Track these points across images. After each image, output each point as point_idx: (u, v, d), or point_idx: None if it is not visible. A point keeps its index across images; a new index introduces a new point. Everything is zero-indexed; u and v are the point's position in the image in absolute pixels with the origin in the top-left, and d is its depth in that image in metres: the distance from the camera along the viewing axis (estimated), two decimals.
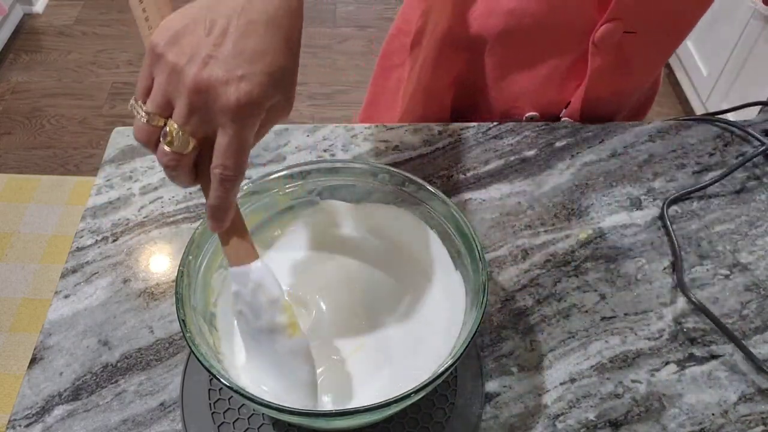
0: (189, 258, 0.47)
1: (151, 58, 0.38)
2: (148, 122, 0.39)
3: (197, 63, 0.37)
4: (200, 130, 0.39)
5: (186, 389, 0.54)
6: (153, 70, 0.38)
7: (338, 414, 0.41)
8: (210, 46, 0.37)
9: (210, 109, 0.38)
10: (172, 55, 0.37)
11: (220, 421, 0.52)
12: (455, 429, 0.52)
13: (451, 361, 0.43)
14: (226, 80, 0.37)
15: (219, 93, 0.37)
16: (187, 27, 0.38)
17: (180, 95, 0.38)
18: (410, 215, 0.55)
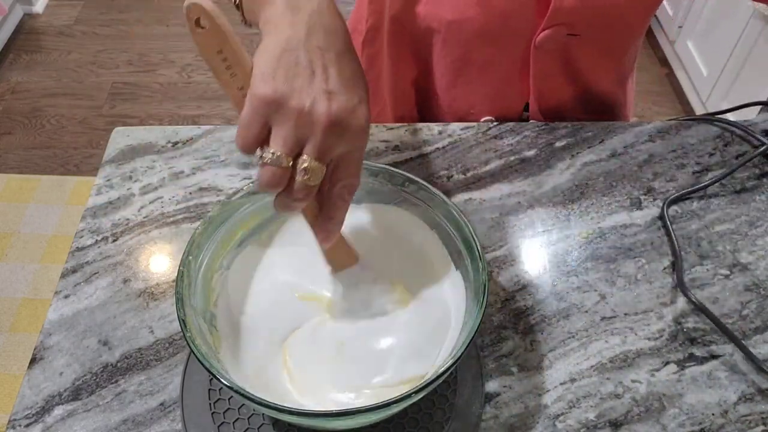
0: (189, 258, 0.48)
1: (268, 107, 0.40)
2: (279, 164, 0.40)
3: (323, 101, 0.40)
4: (330, 158, 0.42)
5: (186, 389, 0.54)
6: (273, 117, 0.40)
7: (338, 414, 0.41)
8: (322, 83, 0.40)
9: (343, 137, 0.41)
10: (294, 101, 0.39)
11: (220, 421, 0.52)
12: (455, 429, 0.52)
13: (451, 361, 0.43)
14: (353, 108, 0.41)
15: (350, 121, 0.41)
16: (290, 71, 0.40)
17: (315, 133, 0.40)
18: (410, 215, 0.55)
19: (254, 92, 0.40)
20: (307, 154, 0.40)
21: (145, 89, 2.24)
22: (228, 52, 0.41)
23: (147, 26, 2.51)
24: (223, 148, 0.73)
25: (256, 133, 0.40)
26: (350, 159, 0.43)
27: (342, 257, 0.50)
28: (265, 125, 0.40)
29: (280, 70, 0.40)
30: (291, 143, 0.40)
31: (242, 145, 0.41)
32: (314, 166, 0.40)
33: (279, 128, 0.40)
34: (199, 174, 0.71)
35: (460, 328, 0.48)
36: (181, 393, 0.54)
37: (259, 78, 0.40)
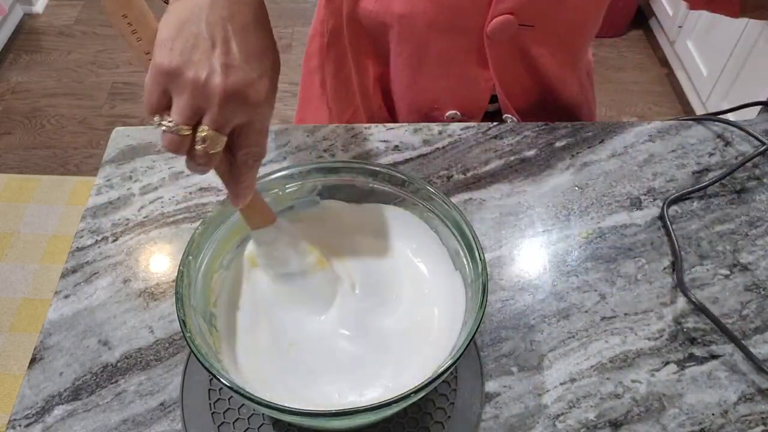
0: (189, 258, 0.48)
1: (165, 77, 0.41)
2: (178, 133, 0.41)
3: (219, 74, 0.41)
4: (230, 128, 0.43)
5: (186, 389, 0.54)
6: (170, 87, 0.41)
7: (338, 414, 0.41)
8: (221, 56, 0.41)
9: (240, 109, 0.42)
10: (190, 72, 0.40)
11: (220, 421, 0.52)
12: (455, 429, 0.52)
13: (451, 361, 0.43)
14: (250, 82, 0.42)
15: (247, 94, 0.42)
16: (188, 41, 0.41)
17: (211, 105, 0.41)
18: (410, 215, 0.55)
19: (153, 61, 0.41)
20: (205, 123, 0.41)
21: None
22: (132, 16, 0.42)
23: None
24: None
25: (156, 99, 0.41)
26: (251, 128, 0.43)
27: (257, 217, 0.50)
28: (164, 93, 0.41)
29: (179, 40, 0.41)
30: (188, 114, 0.41)
31: (146, 109, 0.42)
32: (211, 135, 0.41)
33: (177, 98, 0.41)
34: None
35: (460, 327, 0.48)
36: (181, 393, 0.54)
37: (158, 47, 0.41)
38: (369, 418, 0.46)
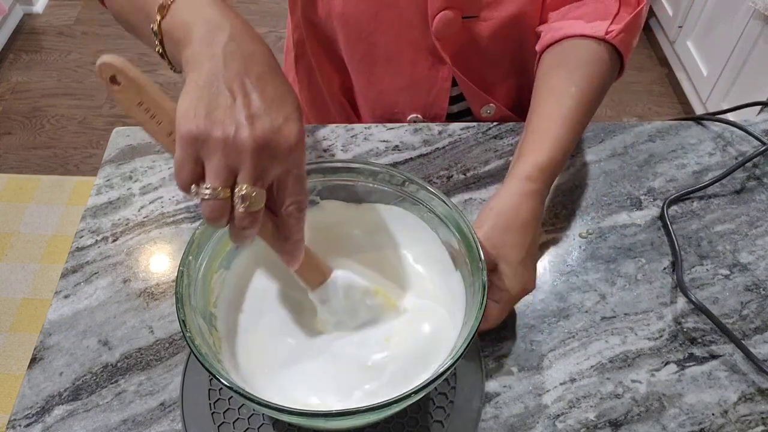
0: (189, 258, 0.48)
1: (194, 143, 0.40)
2: (217, 197, 0.40)
3: (246, 127, 0.40)
4: (268, 181, 0.42)
5: (186, 389, 0.54)
6: (201, 153, 0.40)
7: (338, 414, 0.41)
8: (243, 108, 0.40)
9: (274, 158, 0.41)
10: (218, 132, 0.40)
11: (220, 421, 0.52)
12: (455, 427, 0.52)
13: (452, 360, 0.43)
14: (278, 128, 0.41)
15: (278, 141, 0.41)
16: (210, 103, 0.40)
17: (244, 159, 0.40)
18: (410, 215, 0.55)
19: (179, 132, 0.40)
20: (241, 182, 0.40)
21: None
22: (148, 102, 0.42)
23: None
24: None
25: (189, 172, 0.40)
26: (289, 178, 0.42)
27: (315, 274, 0.50)
28: (196, 163, 0.40)
29: (200, 104, 0.40)
30: (223, 174, 0.40)
31: (181, 187, 0.41)
32: (251, 191, 0.40)
33: (209, 162, 0.40)
34: None
35: (460, 327, 0.48)
36: (181, 393, 0.54)
37: (181, 118, 0.40)
38: (369, 418, 0.46)
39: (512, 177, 0.58)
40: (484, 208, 0.57)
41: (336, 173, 0.55)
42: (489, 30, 0.72)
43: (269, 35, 2.42)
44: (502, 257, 0.53)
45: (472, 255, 0.49)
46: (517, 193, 0.56)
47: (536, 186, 0.57)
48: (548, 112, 0.61)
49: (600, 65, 0.63)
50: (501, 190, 0.57)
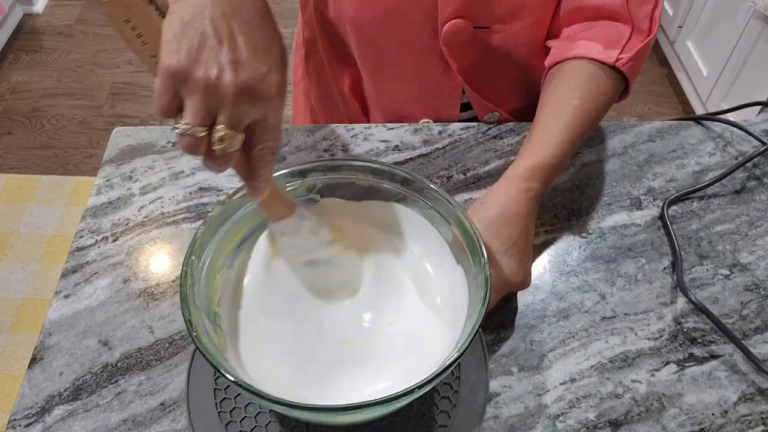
0: (192, 258, 0.48)
1: (174, 78, 0.40)
2: (193, 135, 0.41)
3: (229, 72, 0.40)
4: (244, 125, 0.42)
5: (191, 389, 0.54)
6: (181, 88, 0.40)
7: (347, 408, 0.41)
8: (229, 53, 0.40)
9: (253, 105, 0.42)
10: (200, 72, 0.40)
11: (228, 420, 0.52)
12: (461, 417, 0.53)
13: (458, 354, 0.43)
14: (260, 77, 0.41)
15: (259, 90, 0.41)
16: (194, 40, 0.40)
17: (225, 104, 0.40)
18: (411, 212, 0.55)
19: (162, 63, 0.40)
20: (220, 123, 0.41)
21: (145, 89, 2.24)
22: (136, 20, 0.41)
23: None
24: None
25: (166, 102, 0.41)
26: (265, 124, 0.43)
27: (278, 208, 0.51)
28: (175, 95, 0.41)
29: (185, 40, 0.40)
30: (202, 114, 0.40)
31: (157, 113, 0.41)
32: (229, 134, 0.41)
33: (189, 99, 0.40)
34: (199, 174, 0.71)
35: (464, 321, 0.48)
36: (186, 392, 0.54)
37: (165, 49, 0.40)
38: (377, 412, 0.46)
39: (504, 177, 0.59)
40: (474, 203, 0.59)
41: (336, 171, 0.55)
42: (499, 41, 0.72)
43: None
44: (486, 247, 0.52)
45: (474, 250, 0.49)
46: (508, 190, 0.58)
47: (527, 184, 0.58)
48: (548, 120, 0.62)
49: (605, 86, 0.65)
50: (493, 188, 0.59)
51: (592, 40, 0.66)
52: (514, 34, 0.72)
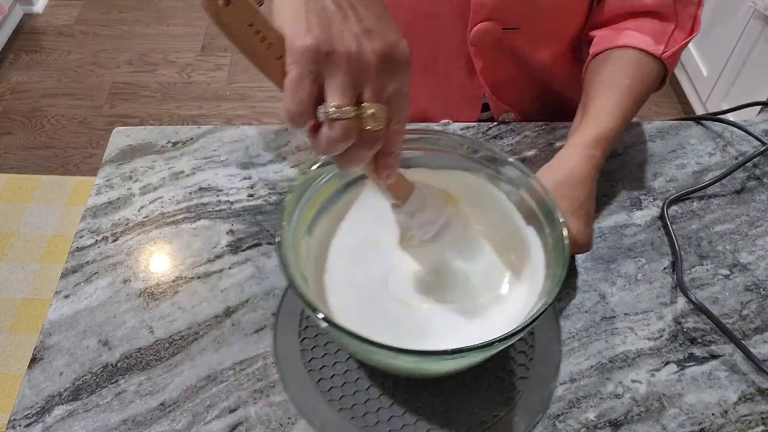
0: (283, 224, 0.49)
1: (314, 58, 0.37)
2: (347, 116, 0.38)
3: (366, 41, 0.38)
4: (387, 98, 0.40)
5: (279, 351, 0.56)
6: (322, 68, 0.37)
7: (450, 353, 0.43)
8: (357, 23, 0.38)
9: (393, 74, 0.39)
10: (340, 47, 0.37)
11: (318, 378, 0.55)
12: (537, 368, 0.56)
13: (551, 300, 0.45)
14: (394, 42, 0.39)
15: (396, 55, 0.39)
16: (322, 16, 0.38)
17: (369, 76, 0.38)
18: (478, 179, 0.58)
19: (295, 48, 0.37)
20: (367, 99, 0.38)
21: (145, 89, 2.24)
22: (259, 22, 0.38)
23: (147, 26, 2.51)
24: (223, 148, 0.73)
25: (308, 91, 0.37)
26: (401, 93, 0.41)
27: (403, 187, 0.50)
28: (316, 80, 0.37)
29: (312, 18, 0.37)
30: (350, 91, 0.38)
31: (297, 110, 0.38)
32: (378, 109, 0.38)
33: (333, 78, 0.37)
34: (199, 174, 0.71)
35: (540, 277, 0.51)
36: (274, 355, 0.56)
37: (295, 33, 0.37)
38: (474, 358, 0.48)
39: (569, 145, 0.62)
40: (541, 169, 0.61)
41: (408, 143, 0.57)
42: (525, 43, 0.74)
43: None
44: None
45: (546, 210, 0.52)
46: (574, 157, 0.60)
47: (591, 152, 0.60)
48: (602, 97, 0.65)
49: (651, 72, 0.68)
50: (558, 155, 0.61)
51: (639, 31, 0.68)
52: (541, 36, 0.73)
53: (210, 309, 0.60)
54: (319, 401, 0.53)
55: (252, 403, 0.54)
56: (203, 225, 0.66)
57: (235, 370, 0.56)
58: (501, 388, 0.55)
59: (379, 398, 0.54)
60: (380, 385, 0.54)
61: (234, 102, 2.19)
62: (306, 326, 0.58)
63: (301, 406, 0.53)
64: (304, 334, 0.57)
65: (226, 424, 0.53)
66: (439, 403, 0.54)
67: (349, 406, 0.53)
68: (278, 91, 0.42)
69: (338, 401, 0.53)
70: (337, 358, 0.56)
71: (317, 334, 0.57)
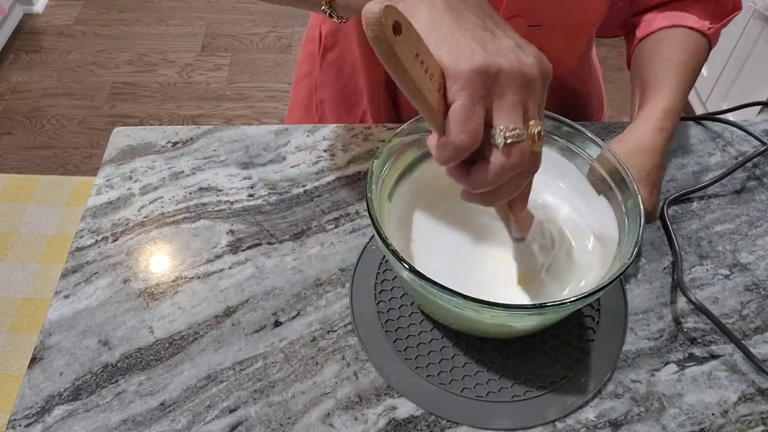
0: (372, 186, 0.51)
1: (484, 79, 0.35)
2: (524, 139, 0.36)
3: (522, 55, 0.36)
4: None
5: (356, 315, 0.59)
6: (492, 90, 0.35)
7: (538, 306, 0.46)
8: (507, 39, 0.37)
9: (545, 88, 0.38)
10: (505, 63, 0.35)
11: (394, 338, 0.57)
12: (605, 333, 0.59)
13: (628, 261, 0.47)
14: (541, 56, 0.37)
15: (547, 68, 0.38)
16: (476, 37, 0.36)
17: (533, 93, 0.37)
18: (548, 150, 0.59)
19: (463, 72, 0.34)
20: (531, 116, 0.36)
21: (145, 89, 2.24)
22: (424, 52, 0.35)
23: (147, 26, 2.51)
24: (223, 148, 0.73)
25: (480, 117, 0.35)
26: (542, 108, 0.39)
27: (529, 219, 0.51)
28: (484, 105, 0.35)
29: (468, 40, 0.35)
30: (521, 110, 0.36)
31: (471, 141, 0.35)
32: (542, 126, 0.37)
33: (504, 98, 0.35)
34: (199, 174, 0.71)
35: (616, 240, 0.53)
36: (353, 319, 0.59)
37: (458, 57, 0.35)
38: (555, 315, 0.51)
39: (638, 119, 0.62)
40: (610, 140, 0.62)
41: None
42: (547, 38, 0.73)
43: (269, 35, 2.42)
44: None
45: (618, 178, 0.54)
46: (641, 129, 0.61)
47: (662, 124, 0.61)
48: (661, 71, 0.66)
49: (701, 48, 0.71)
50: (626, 130, 0.62)
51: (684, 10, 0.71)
52: (561, 32, 0.74)
53: (210, 309, 0.60)
54: (396, 360, 0.56)
55: (252, 403, 0.54)
56: (203, 225, 0.66)
57: (235, 370, 0.56)
58: (569, 350, 0.57)
59: (452, 359, 0.56)
60: (454, 346, 0.57)
61: (234, 102, 2.19)
62: (381, 290, 0.61)
63: (380, 367, 0.55)
64: (380, 297, 0.60)
65: (226, 424, 0.53)
66: (510, 363, 0.56)
67: (424, 365, 0.56)
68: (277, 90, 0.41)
69: (414, 360, 0.56)
70: (412, 320, 0.59)
71: (392, 297, 0.60)
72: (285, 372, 0.55)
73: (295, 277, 0.62)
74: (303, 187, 0.69)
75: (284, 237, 0.65)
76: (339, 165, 0.72)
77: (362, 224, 0.66)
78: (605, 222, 0.57)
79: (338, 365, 0.56)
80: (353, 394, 0.54)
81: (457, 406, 0.53)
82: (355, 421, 0.53)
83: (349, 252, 0.64)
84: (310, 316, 0.59)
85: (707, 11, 0.70)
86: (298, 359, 0.56)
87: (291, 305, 0.60)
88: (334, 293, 0.61)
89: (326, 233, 0.65)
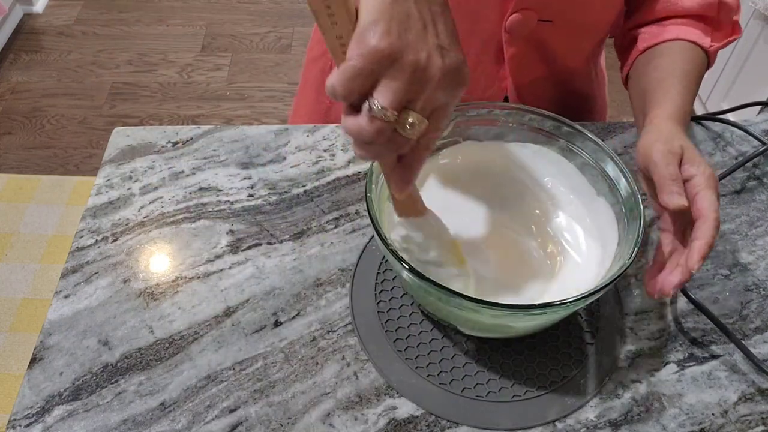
0: (372, 186, 0.52)
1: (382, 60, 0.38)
2: (387, 119, 0.39)
3: (437, 56, 0.39)
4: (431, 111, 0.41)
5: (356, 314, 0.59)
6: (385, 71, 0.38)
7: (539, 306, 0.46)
8: (433, 37, 0.39)
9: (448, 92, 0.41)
10: (410, 57, 0.38)
11: (394, 338, 0.58)
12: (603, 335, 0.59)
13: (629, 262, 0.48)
14: (461, 63, 0.41)
15: (458, 76, 0.41)
16: (402, 23, 0.39)
17: (426, 89, 0.39)
18: (549, 151, 0.60)
19: (367, 44, 0.38)
20: (415, 108, 0.39)
21: (145, 89, 2.24)
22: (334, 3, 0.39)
23: (147, 26, 2.51)
24: (222, 148, 0.73)
25: (361, 83, 0.38)
26: (445, 111, 0.42)
27: (411, 206, 0.51)
28: (372, 76, 0.38)
29: (393, 23, 0.38)
30: (400, 98, 0.39)
31: (341, 94, 0.39)
32: (418, 120, 0.39)
33: (390, 82, 0.38)
34: (199, 174, 0.71)
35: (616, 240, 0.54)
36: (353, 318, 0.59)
37: (372, 30, 0.38)
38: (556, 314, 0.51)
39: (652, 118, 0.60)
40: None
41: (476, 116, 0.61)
42: (557, 35, 0.74)
43: (269, 35, 2.42)
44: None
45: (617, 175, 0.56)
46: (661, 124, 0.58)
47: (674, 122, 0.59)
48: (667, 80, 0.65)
49: (703, 62, 0.69)
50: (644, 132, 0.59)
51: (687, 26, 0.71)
52: (572, 30, 0.74)
53: (210, 309, 0.60)
54: (396, 360, 0.56)
55: (252, 403, 0.54)
56: (203, 225, 0.66)
57: (235, 370, 0.56)
58: (569, 350, 0.57)
59: (452, 359, 0.56)
60: (454, 346, 0.57)
61: (234, 102, 2.19)
62: (381, 290, 0.61)
63: (380, 367, 0.56)
64: (380, 297, 0.60)
65: (226, 424, 0.53)
66: (510, 363, 0.56)
67: (424, 365, 0.56)
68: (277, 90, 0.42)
69: (414, 360, 0.56)
70: (412, 320, 0.59)
71: (392, 297, 0.60)
72: (285, 372, 0.55)
73: (295, 277, 0.62)
74: (303, 187, 0.69)
75: (284, 237, 0.65)
76: (339, 165, 0.72)
77: (362, 224, 0.66)
78: (605, 222, 0.57)
79: (338, 365, 0.56)
80: (353, 394, 0.54)
81: (457, 406, 0.53)
82: (355, 421, 0.53)
83: (349, 252, 0.64)
84: (310, 316, 0.59)
85: (707, 30, 0.71)
86: (298, 359, 0.56)
87: (291, 305, 0.60)
88: (334, 293, 0.61)
89: (326, 233, 0.65)
